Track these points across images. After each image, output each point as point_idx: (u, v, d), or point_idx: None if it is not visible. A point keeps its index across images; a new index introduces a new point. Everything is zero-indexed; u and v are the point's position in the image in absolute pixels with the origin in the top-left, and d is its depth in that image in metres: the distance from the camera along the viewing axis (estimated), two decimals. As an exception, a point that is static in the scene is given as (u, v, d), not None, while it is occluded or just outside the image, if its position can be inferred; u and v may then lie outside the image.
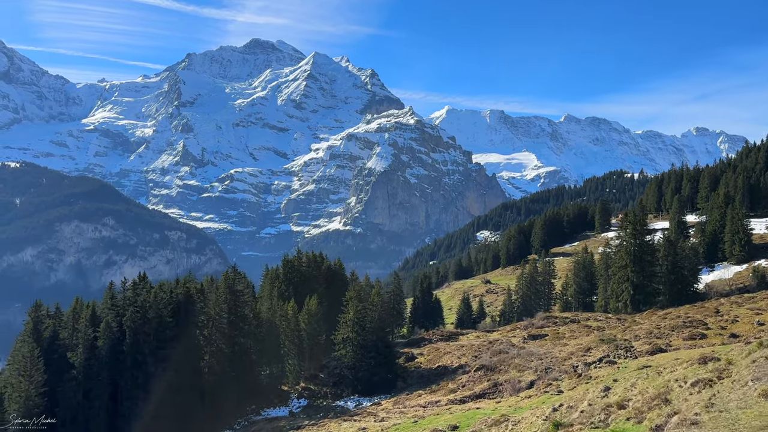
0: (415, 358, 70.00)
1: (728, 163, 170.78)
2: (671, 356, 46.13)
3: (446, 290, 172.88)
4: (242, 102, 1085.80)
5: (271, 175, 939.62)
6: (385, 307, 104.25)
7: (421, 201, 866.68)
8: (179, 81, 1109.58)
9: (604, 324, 66.89)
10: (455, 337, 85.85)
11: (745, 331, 51.52)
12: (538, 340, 65.48)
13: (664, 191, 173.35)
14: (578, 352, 54.98)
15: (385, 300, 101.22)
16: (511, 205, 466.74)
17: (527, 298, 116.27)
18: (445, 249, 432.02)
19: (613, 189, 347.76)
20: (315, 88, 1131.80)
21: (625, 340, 55.18)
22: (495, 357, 60.12)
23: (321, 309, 73.55)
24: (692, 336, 52.02)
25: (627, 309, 77.23)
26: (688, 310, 63.98)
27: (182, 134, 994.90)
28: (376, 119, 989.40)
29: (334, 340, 65.45)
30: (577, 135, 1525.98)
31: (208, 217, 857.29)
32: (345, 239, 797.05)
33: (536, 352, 58.56)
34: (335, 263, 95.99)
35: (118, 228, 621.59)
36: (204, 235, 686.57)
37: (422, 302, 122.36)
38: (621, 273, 78.06)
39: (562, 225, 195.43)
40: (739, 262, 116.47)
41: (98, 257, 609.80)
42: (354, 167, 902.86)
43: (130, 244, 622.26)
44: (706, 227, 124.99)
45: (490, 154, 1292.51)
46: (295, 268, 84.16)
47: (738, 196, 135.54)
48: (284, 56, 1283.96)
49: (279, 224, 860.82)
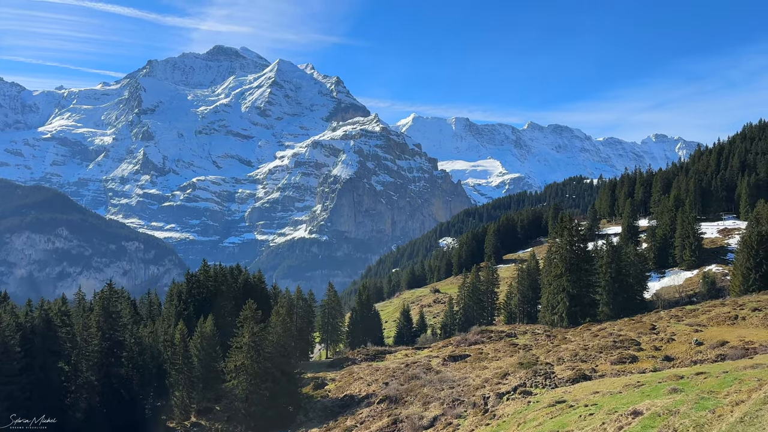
0: (324, 385, 61.78)
1: (681, 166, 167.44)
2: (592, 387, 39.14)
3: (395, 300, 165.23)
4: (205, 109, 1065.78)
5: (235, 183, 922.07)
6: (302, 322, 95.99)
7: (387, 208, 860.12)
8: (140, 88, 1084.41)
9: (532, 342, 59.78)
10: (381, 356, 78.00)
11: (681, 353, 44.78)
12: (458, 362, 57.95)
13: (617, 195, 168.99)
14: (494, 378, 47.57)
15: (300, 315, 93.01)
16: (474, 211, 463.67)
17: (469, 308, 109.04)
18: (408, 256, 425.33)
19: (573, 195, 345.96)
20: (280, 95, 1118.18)
21: (547, 363, 47.96)
22: (405, 384, 52.34)
23: (222, 330, 64.83)
24: (621, 359, 45.05)
25: (563, 322, 70.41)
26: (623, 325, 57.31)
27: (143, 142, 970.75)
28: (342, 126, 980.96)
29: (224, 368, 56.82)
30: (540, 142, 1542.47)
31: (170, 226, 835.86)
32: (310, 247, 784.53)
33: (450, 379, 50.99)
34: (254, 276, 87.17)
35: (72, 239, 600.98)
36: (163, 246, 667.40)
37: (361, 316, 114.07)
38: (556, 283, 71.24)
39: (515, 231, 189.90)
40: (690, 268, 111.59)
41: (51, 269, 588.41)
42: (319, 175, 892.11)
43: (85, 255, 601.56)
44: (656, 232, 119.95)
45: (456, 161, 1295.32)
46: (200, 283, 75.13)
47: (689, 199, 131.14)
48: (248, 63, 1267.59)
49: (243, 233, 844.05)
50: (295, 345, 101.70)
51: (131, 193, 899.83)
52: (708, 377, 31.61)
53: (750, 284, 71.90)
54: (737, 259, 77.07)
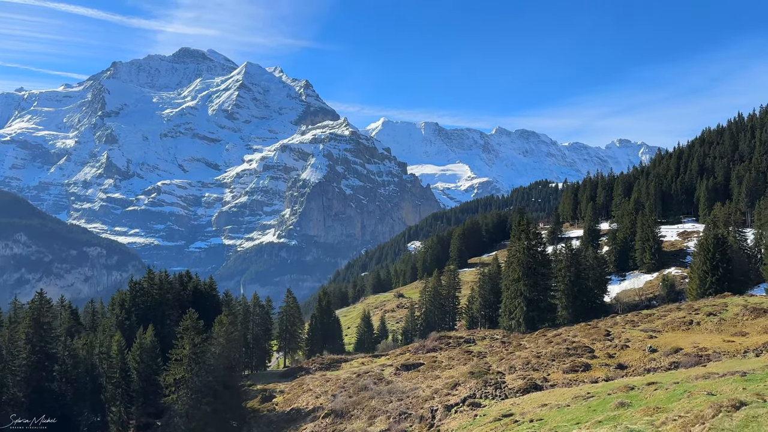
0: (273, 397, 58.92)
1: (642, 170, 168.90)
2: (542, 398, 37.42)
3: (359, 305, 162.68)
4: (171, 112, 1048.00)
5: (202, 187, 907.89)
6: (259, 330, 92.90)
7: (356, 212, 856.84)
8: (104, 90, 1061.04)
9: (487, 349, 58.02)
10: (337, 365, 75.47)
11: (634, 361, 43.41)
12: (410, 371, 55.80)
13: (579, 199, 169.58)
14: (445, 388, 45.55)
15: (257, 323, 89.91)
16: (442, 215, 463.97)
17: (430, 314, 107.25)
18: (376, 260, 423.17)
19: (539, 198, 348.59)
20: (248, 98, 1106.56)
21: (499, 372, 46.14)
22: (354, 396, 49.94)
23: (168, 341, 61.45)
24: (574, 367, 43.45)
25: (520, 327, 68.93)
26: (578, 330, 55.97)
27: (106, 145, 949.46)
28: (311, 130, 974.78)
29: (162, 382, 53.60)
30: (507, 147, 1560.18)
31: (134, 231, 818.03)
32: (279, 252, 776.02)
33: (400, 390, 48.78)
34: (205, 283, 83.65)
35: (31, 244, 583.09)
36: (126, 251, 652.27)
37: (321, 322, 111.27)
38: (514, 287, 69.80)
39: (481, 235, 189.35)
40: (650, 271, 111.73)
41: (8, 276, 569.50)
42: (288, 179, 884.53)
43: (45, 261, 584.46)
44: (617, 235, 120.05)
45: (426, 165, 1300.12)
46: (144, 291, 71.52)
47: (649, 202, 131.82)
48: (215, 66, 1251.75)
49: (210, 238, 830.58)
50: (251, 354, 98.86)
51: (94, 197, 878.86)
52: (658, 389, 30.14)
53: (707, 287, 71.55)
54: (694, 262, 76.83)
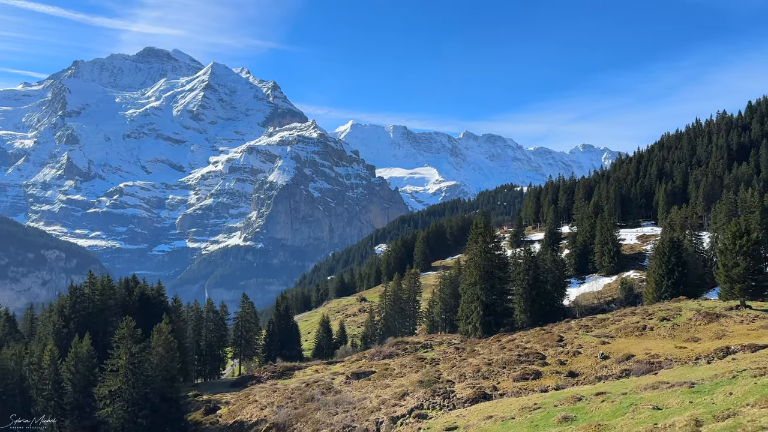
0: (217, 409, 56.19)
1: (602, 174, 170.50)
2: (489, 409, 35.84)
3: (321, 310, 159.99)
4: (134, 112, 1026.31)
5: (165, 189, 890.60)
6: (213, 336, 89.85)
7: (324, 215, 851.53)
8: (65, 89, 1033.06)
9: (441, 356, 56.39)
10: (290, 373, 73.04)
11: (586, 368, 42.22)
12: (361, 379, 53.80)
13: (542, 203, 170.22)
14: (393, 398, 43.67)
15: (211, 329, 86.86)
16: (409, 218, 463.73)
17: (390, 318, 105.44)
18: (343, 263, 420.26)
19: (504, 202, 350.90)
20: (214, 99, 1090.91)
21: (449, 381, 44.48)
22: (300, 408, 47.70)
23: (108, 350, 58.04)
24: (524, 375, 42.05)
25: (477, 332, 67.66)
26: (532, 336, 54.79)
27: (67, 146, 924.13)
28: (279, 132, 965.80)
29: (96, 394, 50.42)
30: (475, 151, 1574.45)
31: (95, 234, 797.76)
32: (245, 255, 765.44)
33: (348, 400, 46.71)
34: (152, 288, 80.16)
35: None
36: (86, 254, 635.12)
37: (278, 328, 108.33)
38: (471, 291, 68.52)
39: (445, 238, 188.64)
40: (609, 274, 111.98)
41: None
42: (255, 181, 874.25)
43: (0, 264, 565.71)
44: (577, 238, 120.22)
45: (394, 169, 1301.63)
46: (85, 297, 67.90)
47: (608, 206, 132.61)
48: (181, 66, 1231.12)
49: (173, 240, 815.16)
50: (204, 362, 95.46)
51: (54, 199, 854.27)
52: (606, 400, 28.85)
53: (663, 291, 71.35)
54: (650, 266, 76.72)
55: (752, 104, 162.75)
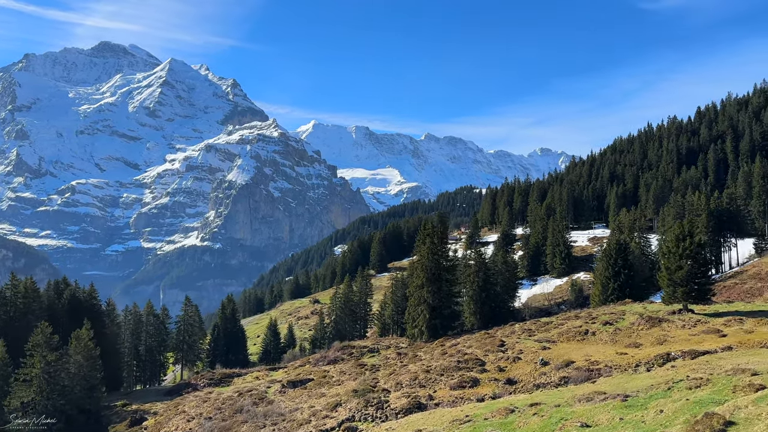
0: (143, 420, 52.72)
1: (556, 176, 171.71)
2: (421, 421, 33.87)
3: (272, 312, 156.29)
4: (88, 108, 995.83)
5: (120, 187, 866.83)
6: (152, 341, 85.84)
7: (285, 215, 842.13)
8: (14, 83, 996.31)
9: (382, 362, 54.30)
10: (228, 380, 69.73)
11: (525, 375, 40.70)
12: (298, 388, 51.25)
13: (497, 204, 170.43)
14: (325, 410, 41.27)
15: (151, 334, 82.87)
16: (370, 218, 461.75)
17: (341, 320, 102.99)
18: (302, 264, 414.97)
19: (464, 203, 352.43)
20: (171, 95, 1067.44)
21: (384, 390, 42.37)
22: (227, 420, 44.81)
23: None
24: (462, 383, 40.25)
25: (423, 336, 65.88)
26: (475, 341, 53.25)
27: (16, 141, 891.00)
28: (238, 130, 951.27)
29: (6, 407, 46.51)
30: (436, 153, 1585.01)
31: (45, 233, 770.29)
32: (202, 255, 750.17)
33: (279, 412, 44.09)
34: (84, 290, 75.75)
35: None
36: (35, 254, 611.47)
37: (224, 332, 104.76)
38: (417, 294, 66.76)
39: (402, 239, 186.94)
40: (560, 275, 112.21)
41: None
42: (213, 179, 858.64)
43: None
44: (530, 240, 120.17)
45: (356, 169, 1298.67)
46: (7, 300, 63.37)
47: (560, 208, 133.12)
48: (137, 61, 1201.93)
49: (128, 240, 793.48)
50: (143, 367, 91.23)
51: (2, 196, 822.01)
52: (537, 413, 27.20)
53: (609, 293, 70.97)
54: (597, 268, 76.37)
55: (701, 110, 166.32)
